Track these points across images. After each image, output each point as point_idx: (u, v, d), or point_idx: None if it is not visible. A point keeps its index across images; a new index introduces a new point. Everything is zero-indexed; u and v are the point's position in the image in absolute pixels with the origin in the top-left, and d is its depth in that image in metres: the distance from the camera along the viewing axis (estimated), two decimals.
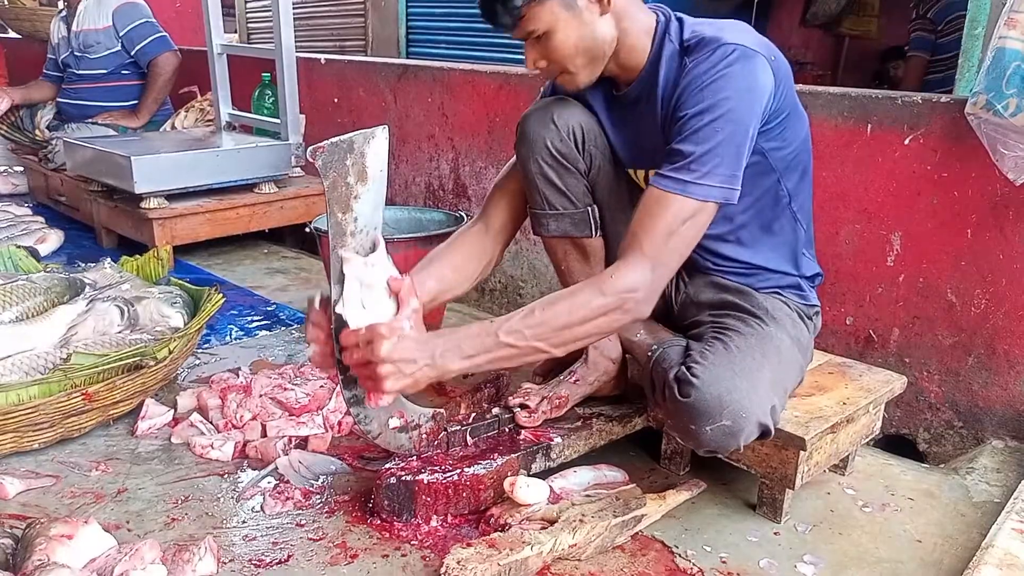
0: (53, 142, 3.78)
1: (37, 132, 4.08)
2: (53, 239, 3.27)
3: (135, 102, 3.93)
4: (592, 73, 1.46)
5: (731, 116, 1.31)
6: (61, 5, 3.90)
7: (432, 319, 2.14)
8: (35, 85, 4.22)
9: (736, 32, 1.39)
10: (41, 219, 3.48)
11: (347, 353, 1.34)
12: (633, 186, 1.62)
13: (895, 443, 2.06)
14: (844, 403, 1.61)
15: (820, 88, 2.17)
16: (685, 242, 1.35)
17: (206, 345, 2.35)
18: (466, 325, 1.38)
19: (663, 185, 1.32)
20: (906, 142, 1.95)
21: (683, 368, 1.40)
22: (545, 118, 1.55)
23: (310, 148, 1.25)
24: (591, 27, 1.39)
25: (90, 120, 3.89)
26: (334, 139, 1.26)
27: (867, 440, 1.75)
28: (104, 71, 3.84)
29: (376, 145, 1.30)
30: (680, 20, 1.46)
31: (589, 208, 1.62)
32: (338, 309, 1.34)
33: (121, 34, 3.76)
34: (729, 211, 1.44)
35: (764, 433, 1.40)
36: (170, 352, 1.88)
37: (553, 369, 1.86)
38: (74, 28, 3.84)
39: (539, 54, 1.42)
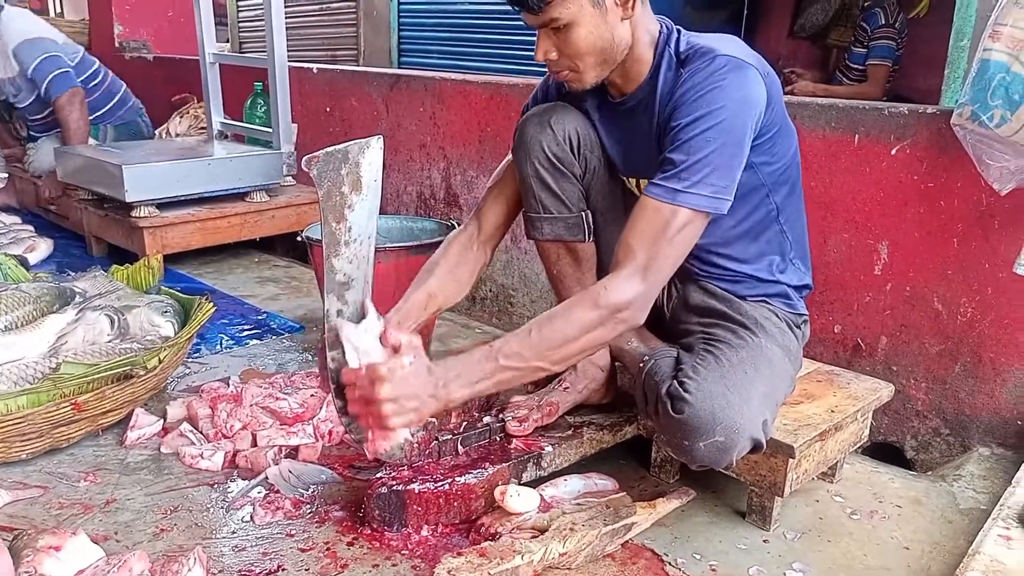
0: (30, 147, 3.75)
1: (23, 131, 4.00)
2: (43, 248, 3.25)
3: (92, 117, 3.76)
4: (599, 75, 1.45)
5: (724, 127, 1.32)
6: None
7: (425, 330, 2.14)
8: None
9: (731, 45, 1.40)
10: (31, 228, 3.47)
11: (348, 391, 1.34)
12: (628, 193, 1.63)
13: (883, 451, 2.08)
14: (832, 411, 1.62)
15: (808, 99, 2.19)
16: (677, 251, 1.35)
17: (196, 354, 2.34)
18: (466, 352, 1.37)
19: (654, 194, 1.34)
20: (893, 152, 1.97)
21: (675, 383, 1.41)
22: (542, 122, 1.56)
23: (305, 157, 1.26)
24: (612, 29, 1.39)
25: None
26: (329, 149, 1.26)
27: (855, 448, 1.76)
28: (41, 112, 3.68)
29: (371, 155, 1.30)
30: (679, 31, 1.47)
31: (583, 213, 1.63)
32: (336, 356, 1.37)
33: (29, 76, 3.53)
34: (718, 223, 1.45)
35: (756, 447, 1.41)
36: (160, 361, 1.88)
37: (544, 379, 1.86)
38: None
39: (553, 45, 1.40)
